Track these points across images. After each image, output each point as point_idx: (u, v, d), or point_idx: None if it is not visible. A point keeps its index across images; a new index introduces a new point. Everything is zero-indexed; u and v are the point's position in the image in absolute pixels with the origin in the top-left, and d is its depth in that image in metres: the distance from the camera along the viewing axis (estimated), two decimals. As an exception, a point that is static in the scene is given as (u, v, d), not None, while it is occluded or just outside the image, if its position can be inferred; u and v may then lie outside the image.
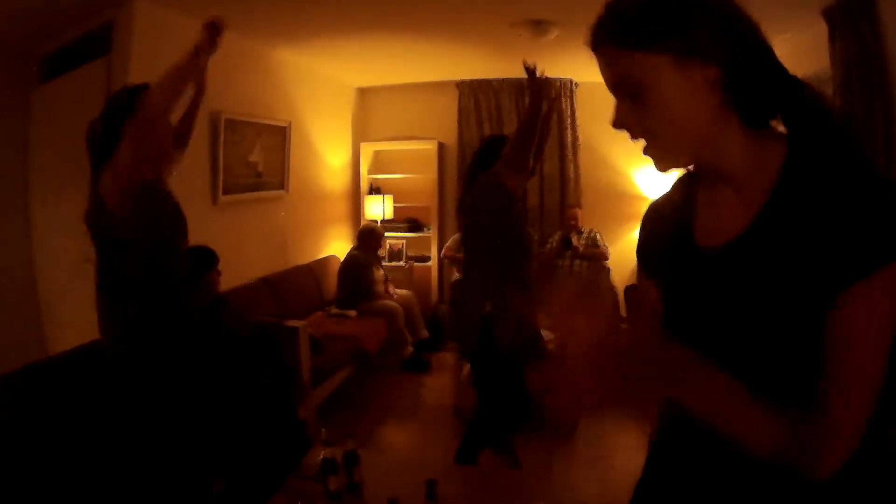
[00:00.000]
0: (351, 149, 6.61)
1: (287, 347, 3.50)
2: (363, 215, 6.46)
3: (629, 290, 5.31)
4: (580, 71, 5.79)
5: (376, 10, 3.97)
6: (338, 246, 6.21)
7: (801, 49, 3.99)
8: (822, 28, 3.49)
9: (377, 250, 5.52)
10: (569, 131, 6.13)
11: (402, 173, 6.59)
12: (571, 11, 3.88)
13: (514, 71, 5.89)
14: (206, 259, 3.03)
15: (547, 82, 3.13)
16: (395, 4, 3.85)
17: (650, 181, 6.04)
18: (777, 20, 3.73)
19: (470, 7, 3.91)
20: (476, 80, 6.26)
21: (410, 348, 5.10)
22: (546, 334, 3.02)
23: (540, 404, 3.51)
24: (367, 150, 6.67)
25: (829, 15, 3.41)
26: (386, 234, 5.96)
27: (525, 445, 3.43)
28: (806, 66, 3.90)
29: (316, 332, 4.16)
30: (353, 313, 4.95)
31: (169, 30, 3.58)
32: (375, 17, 4.13)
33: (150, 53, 3.37)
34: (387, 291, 5.41)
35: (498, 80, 6.22)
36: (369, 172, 6.70)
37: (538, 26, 4.16)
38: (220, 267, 3.19)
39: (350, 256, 5.34)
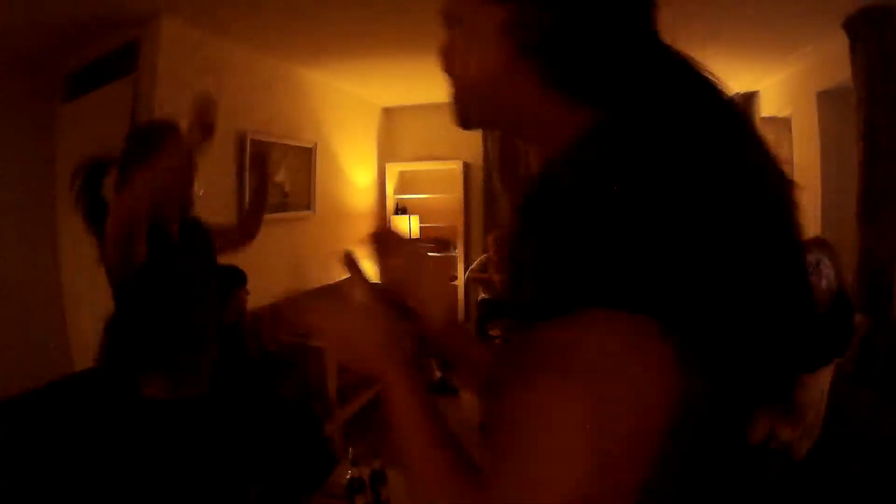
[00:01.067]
0: (377, 169, 6.63)
1: (313, 366, 3.48)
2: (390, 235, 6.44)
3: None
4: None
5: (401, 30, 4.01)
6: (366, 266, 6.19)
7: (823, 62, 3.92)
8: (844, 40, 3.43)
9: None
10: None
11: (427, 193, 6.59)
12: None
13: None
14: (234, 278, 3.03)
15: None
16: (418, 24, 3.87)
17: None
18: (797, 34, 3.68)
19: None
20: (501, 98, 6.24)
21: (438, 372, 5.03)
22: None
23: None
24: (393, 171, 6.71)
25: (850, 26, 3.33)
26: (412, 254, 5.93)
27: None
28: (829, 79, 3.82)
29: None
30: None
31: (195, 48, 3.64)
32: (400, 37, 4.17)
33: (175, 72, 3.43)
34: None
35: (522, 99, 6.19)
36: (395, 193, 6.72)
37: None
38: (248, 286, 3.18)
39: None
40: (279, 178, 4.69)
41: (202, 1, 3.22)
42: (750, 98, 5.38)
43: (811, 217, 4.10)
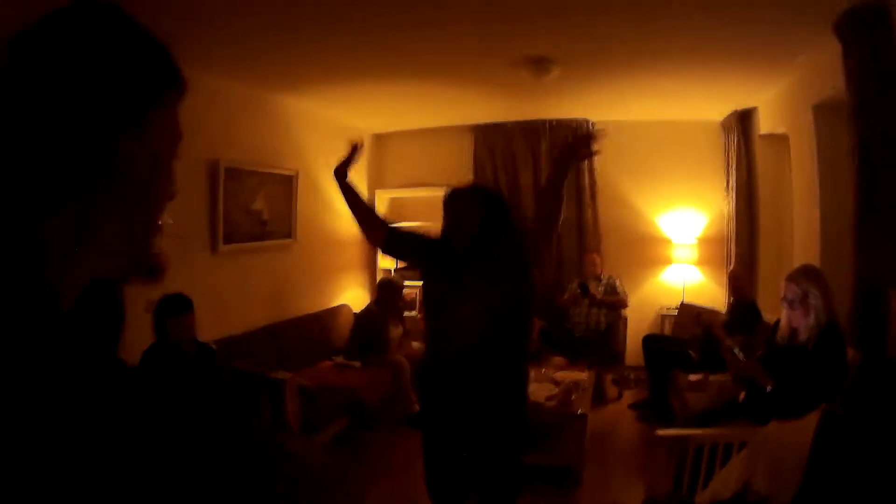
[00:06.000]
0: (366, 196, 6.54)
1: (273, 398, 3.34)
2: (377, 263, 6.34)
3: (648, 338, 4.98)
4: (596, 110, 5.65)
5: (380, 57, 3.96)
6: (351, 294, 6.09)
7: (818, 72, 3.73)
8: (838, 47, 3.13)
9: (396, 304, 5.34)
10: (586, 174, 5.94)
11: (418, 221, 6.47)
12: (570, 48, 3.77)
13: (526, 113, 5.81)
14: (172, 307, 2.94)
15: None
16: (395, 49, 3.81)
17: (675, 224, 5.78)
18: (789, 42, 3.50)
19: (467, 48, 3.83)
20: (490, 123, 6.17)
21: (417, 406, 4.85)
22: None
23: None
24: (383, 198, 6.62)
25: (840, 29, 3.05)
26: (400, 282, 5.80)
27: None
28: (825, 91, 3.62)
29: (316, 382, 4.01)
30: (357, 364, 4.77)
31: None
32: (382, 63, 4.12)
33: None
34: (401, 346, 5.20)
35: (512, 124, 6.11)
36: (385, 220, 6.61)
37: (539, 65, 4.04)
38: (198, 314, 3.08)
39: (366, 309, 5.21)
40: (256, 205, 4.61)
41: (172, 34, 3.15)
42: (748, 115, 5.23)
43: (810, 240, 3.90)
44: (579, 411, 3.77)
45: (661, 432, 2.74)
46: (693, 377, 4.04)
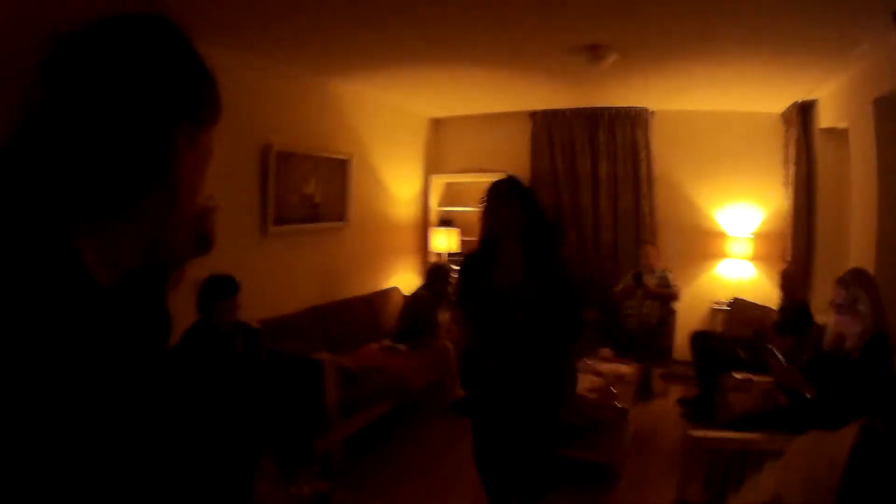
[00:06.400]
0: (422, 180, 6.59)
1: (312, 378, 3.44)
2: (429, 247, 6.39)
3: (698, 335, 4.82)
4: (654, 98, 5.48)
5: (438, 43, 3.95)
6: (402, 278, 6.17)
7: (877, 65, 3.49)
8: None
9: (445, 289, 5.37)
10: (644, 164, 5.78)
11: (472, 206, 6.48)
12: (625, 34, 3.66)
13: (584, 100, 5.69)
14: (218, 290, 3.04)
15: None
16: (453, 36, 3.80)
17: (731, 218, 5.56)
18: (849, 34, 3.29)
19: (525, 35, 3.77)
20: (549, 110, 6.08)
21: (462, 391, 4.88)
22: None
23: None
24: (438, 182, 6.64)
25: None
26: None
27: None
28: (883, 83, 3.38)
29: (360, 364, 4.11)
30: (403, 347, 4.84)
31: (214, 66, 3.71)
32: (439, 50, 4.11)
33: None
34: (449, 332, 5.24)
35: (570, 111, 6.00)
36: (440, 205, 6.65)
37: (594, 51, 3.94)
38: (245, 294, 3.19)
39: (414, 294, 5.27)
40: (308, 189, 4.72)
41: (224, 19, 3.25)
42: (808, 108, 4.95)
43: (866, 239, 3.68)
44: (619, 405, 3.71)
45: (694, 433, 2.67)
46: (738, 376, 3.90)
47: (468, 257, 2.87)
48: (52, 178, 0.64)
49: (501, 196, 2.55)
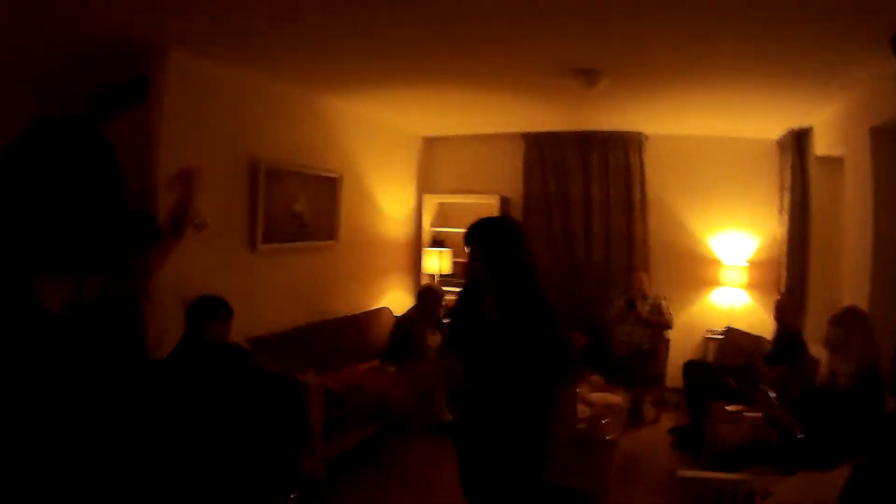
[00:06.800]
0: (415, 199, 6.55)
1: (295, 399, 3.38)
2: (421, 268, 6.33)
3: (690, 365, 4.76)
4: (648, 122, 5.47)
5: (431, 63, 3.94)
6: (394, 297, 6.11)
7: (875, 94, 3.47)
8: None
9: (435, 311, 5.31)
10: (637, 188, 5.76)
11: (463, 227, 6.43)
12: (618, 59, 3.65)
13: (577, 123, 5.68)
14: (206, 309, 3.01)
15: None
16: (446, 57, 3.77)
17: (725, 245, 5.53)
18: (846, 60, 3.27)
19: (519, 59, 3.76)
20: (542, 132, 6.06)
21: (450, 416, 4.80)
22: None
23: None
24: (431, 202, 6.60)
25: None
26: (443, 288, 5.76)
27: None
28: (884, 113, 3.36)
29: (347, 383, 4.05)
30: (391, 368, 4.77)
31: (203, 81, 3.69)
32: (432, 70, 4.10)
33: (180, 104, 3.48)
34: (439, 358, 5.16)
35: (563, 133, 5.98)
36: (433, 224, 6.61)
37: (587, 75, 3.93)
38: (235, 315, 3.16)
39: (405, 316, 5.22)
40: (297, 206, 4.66)
41: (214, 34, 3.23)
42: (804, 135, 4.93)
43: (860, 270, 3.64)
44: (608, 437, 3.64)
45: (681, 474, 2.61)
46: (730, 408, 3.84)
47: (459, 294, 2.88)
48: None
49: (469, 242, 2.61)
